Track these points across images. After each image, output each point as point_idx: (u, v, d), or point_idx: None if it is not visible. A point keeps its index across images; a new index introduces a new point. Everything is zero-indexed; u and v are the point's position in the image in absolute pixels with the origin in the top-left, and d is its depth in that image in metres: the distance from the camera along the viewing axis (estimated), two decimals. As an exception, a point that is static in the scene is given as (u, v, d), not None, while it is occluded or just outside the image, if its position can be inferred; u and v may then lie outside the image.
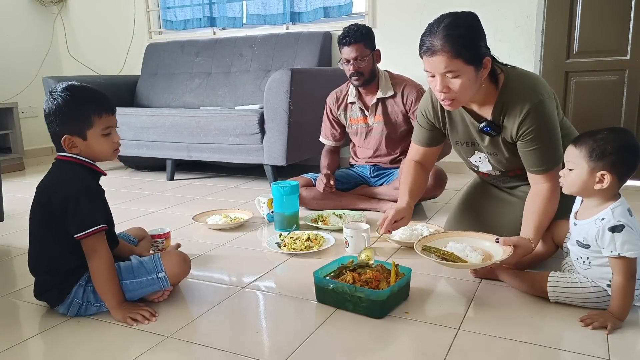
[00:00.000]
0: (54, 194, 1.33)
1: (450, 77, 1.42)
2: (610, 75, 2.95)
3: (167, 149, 3.22)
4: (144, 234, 1.80)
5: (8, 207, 2.30)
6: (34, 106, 4.38)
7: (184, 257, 1.51)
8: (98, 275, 1.34)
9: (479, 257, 1.48)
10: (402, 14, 3.30)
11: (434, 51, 1.39)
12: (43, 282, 1.40)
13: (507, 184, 1.81)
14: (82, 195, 1.33)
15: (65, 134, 1.34)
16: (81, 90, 1.37)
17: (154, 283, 1.41)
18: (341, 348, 1.21)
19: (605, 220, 1.26)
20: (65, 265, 1.37)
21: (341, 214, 2.29)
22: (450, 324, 1.31)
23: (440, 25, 1.40)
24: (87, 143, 1.36)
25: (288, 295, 1.52)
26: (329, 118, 2.56)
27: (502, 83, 1.52)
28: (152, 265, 1.42)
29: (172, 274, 1.44)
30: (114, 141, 1.41)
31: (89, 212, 1.33)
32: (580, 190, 1.31)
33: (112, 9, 4.31)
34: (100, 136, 1.37)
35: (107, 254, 1.35)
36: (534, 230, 1.49)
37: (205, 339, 1.27)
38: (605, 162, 1.25)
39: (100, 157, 1.41)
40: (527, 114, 1.48)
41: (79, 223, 1.31)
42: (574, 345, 1.20)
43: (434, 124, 1.74)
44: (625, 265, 1.24)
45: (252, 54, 3.61)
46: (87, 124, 1.35)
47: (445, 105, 1.50)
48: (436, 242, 1.60)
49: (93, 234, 1.32)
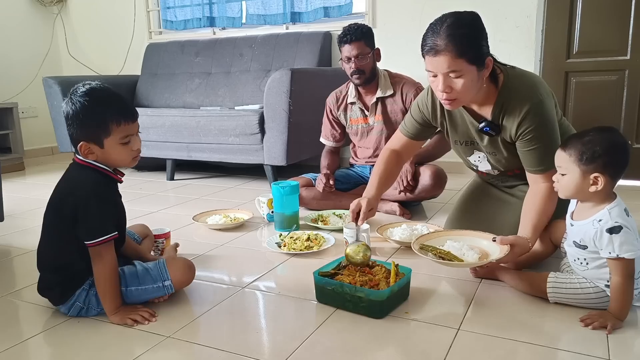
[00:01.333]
0: (66, 198, 1.33)
1: (453, 77, 1.42)
2: (610, 75, 2.95)
3: (167, 149, 3.22)
4: (147, 232, 1.78)
5: (8, 207, 2.30)
6: (34, 106, 4.38)
7: (189, 264, 1.50)
8: (101, 279, 1.34)
9: (475, 256, 1.49)
10: (402, 14, 3.30)
11: (437, 51, 1.39)
12: (48, 279, 1.40)
13: (506, 183, 1.81)
14: (92, 202, 1.30)
15: (82, 141, 1.31)
16: (101, 95, 1.31)
17: (159, 290, 1.41)
18: (341, 348, 1.21)
19: (603, 222, 1.26)
20: (72, 267, 1.37)
21: (341, 214, 2.29)
22: (450, 324, 1.31)
23: (443, 24, 1.39)
24: (104, 151, 1.32)
25: (288, 295, 1.52)
26: (329, 119, 2.56)
27: (502, 83, 1.52)
28: (157, 272, 1.41)
29: (177, 282, 1.44)
30: (133, 149, 1.36)
31: (99, 221, 1.31)
32: (575, 193, 1.32)
33: (112, 9, 4.31)
34: (118, 145, 1.32)
35: (112, 260, 1.34)
36: (532, 229, 1.49)
37: (205, 339, 1.27)
38: (597, 164, 1.25)
39: (118, 164, 1.38)
40: (526, 114, 1.48)
41: (89, 231, 1.30)
42: (574, 345, 1.20)
43: (429, 121, 1.73)
44: (623, 266, 1.24)
45: (252, 54, 3.61)
46: (104, 132, 1.30)
47: (446, 105, 1.50)
48: (434, 240, 1.61)
49: (102, 243, 1.31)
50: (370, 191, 1.71)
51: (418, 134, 1.78)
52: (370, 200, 1.65)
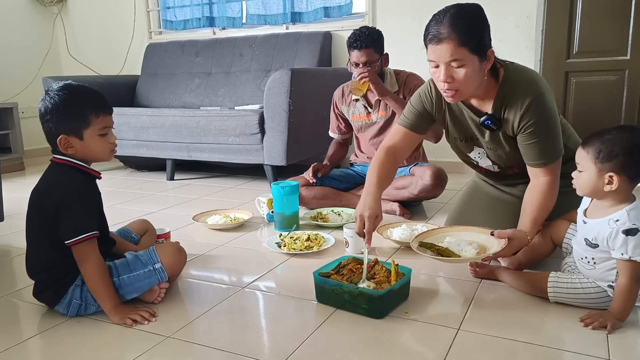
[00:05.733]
0: (48, 198, 1.32)
1: (454, 67, 1.41)
2: (610, 75, 2.95)
3: (167, 149, 3.22)
4: (147, 227, 1.77)
5: (8, 207, 2.30)
6: (34, 106, 4.35)
7: (178, 247, 1.51)
8: (90, 280, 1.34)
9: (473, 251, 1.49)
10: (402, 14, 3.30)
11: (440, 39, 1.39)
12: (40, 281, 1.40)
13: (505, 181, 1.81)
14: (75, 200, 1.31)
15: (61, 134, 1.33)
16: (78, 89, 1.35)
17: (151, 275, 1.40)
18: (341, 348, 1.21)
19: (620, 222, 1.24)
20: (61, 266, 1.36)
21: (339, 211, 2.30)
22: (450, 324, 1.30)
23: (446, 14, 1.40)
24: (84, 143, 1.34)
25: (288, 295, 1.51)
26: (334, 112, 2.57)
27: (503, 77, 1.53)
28: (147, 257, 1.42)
29: (168, 265, 1.44)
30: (110, 141, 1.39)
31: (81, 219, 1.31)
32: (591, 192, 1.30)
33: (112, 9, 4.31)
34: (97, 136, 1.35)
35: (97, 259, 1.34)
36: (531, 223, 1.49)
37: (205, 339, 1.27)
38: (613, 164, 1.23)
39: (97, 157, 1.39)
40: (528, 106, 1.48)
41: (71, 229, 1.30)
42: (574, 345, 1.20)
43: (430, 112, 1.70)
44: (633, 269, 1.23)
45: (252, 54, 3.61)
46: (84, 123, 1.33)
47: (447, 96, 1.50)
48: (432, 238, 1.61)
49: (84, 241, 1.31)
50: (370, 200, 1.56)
51: (417, 124, 1.72)
52: (372, 212, 1.50)
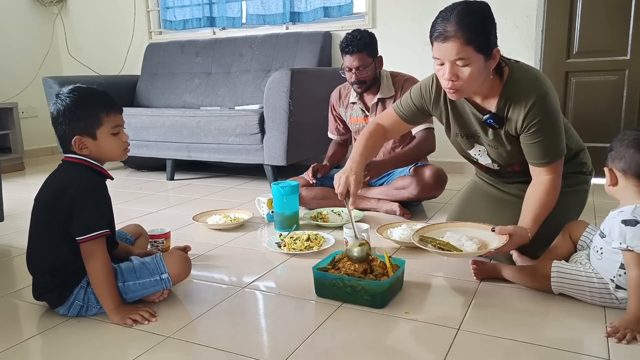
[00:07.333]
0: (63, 194, 1.33)
1: (460, 65, 1.41)
2: (610, 75, 2.95)
3: (167, 149, 3.22)
4: (141, 231, 1.79)
5: (8, 207, 2.30)
6: (34, 106, 4.38)
7: (186, 257, 1.51)
8: (96, 278, 1.34)
9: (474, 246, 1.49)
10: (402, 14, 3.30)
11: (446, 37, 1.39)
12: (44, 282, 1.40)
13: (504, 178, 1.80)
14: (90, 197, 1.33)
15: (75, 135, 1.35)
16: (88, 90, 1.39)
17: (157, 284, 1.41)
18: (341, 348, 1.21)
19: (623, 213, 1.26)
20: (67, 266, 1.37)
21: (339, 211, 2.30)
22: (450, 324, 1.31)
23: (453, 11, 1.39)
24: (97, 143, 1.37)
25: (288, 295, 1.52)
26: (332, 114, 2.57)
27: (507, 75, 1.52)
28: (154, 266, 1.42)
29: (175, 275, 1.45)
30: (123, 140, 1.42)
31: (95, 216, 1.33)
32: (606, 189, 1.34)
33: (112, 9, 4.31)
34: (109, 135, 1.38)
35: (105, 257, 1.35)
36: (532, 220, 1.50)
37: (205, 339, 1.27)
38: (608, 158, 1.28)
39: (111, 156, 1.42)
40: (532, 105, 1.47)
41: (83, 225, 1.31)
42: (574, 345, 1.20)
43: (427, 109, 1.71)
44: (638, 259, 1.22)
45: (252, 54, 3.61)
46: (96, 123, 1.36)
47: (450, 94, 1.49)
48: (433, 232, 1.62)
49: (95, 238, 1.32)
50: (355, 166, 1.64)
51: (411, 117, 1.75)
52: (357, 178, 1.60)
